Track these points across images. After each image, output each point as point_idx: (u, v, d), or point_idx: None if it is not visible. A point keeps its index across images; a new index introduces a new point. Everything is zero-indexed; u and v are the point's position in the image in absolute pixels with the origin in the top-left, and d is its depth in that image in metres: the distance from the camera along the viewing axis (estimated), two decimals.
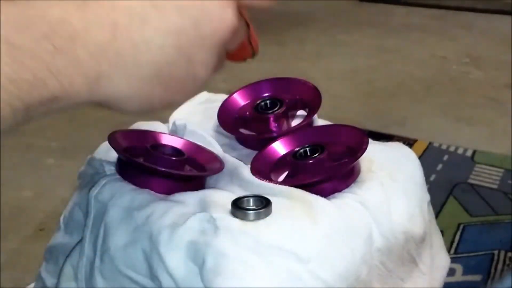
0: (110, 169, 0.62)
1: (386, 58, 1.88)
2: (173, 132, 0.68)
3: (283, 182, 0.60)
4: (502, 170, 1.20)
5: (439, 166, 1.22)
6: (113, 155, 0.62)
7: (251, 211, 0.53)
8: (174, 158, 0.60)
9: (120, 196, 0.58)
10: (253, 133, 0.68)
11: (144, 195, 0.58)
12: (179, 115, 0.71)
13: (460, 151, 1.28)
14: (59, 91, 0.36)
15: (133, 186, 0.59)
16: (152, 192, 0.58)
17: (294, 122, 0.70)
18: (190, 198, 0.57)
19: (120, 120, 0.60)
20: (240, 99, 0.70)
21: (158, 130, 0.68)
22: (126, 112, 0.42)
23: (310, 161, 0.61)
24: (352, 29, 2.13)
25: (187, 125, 0.67)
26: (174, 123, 0.68)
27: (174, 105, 0.44)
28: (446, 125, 1.45)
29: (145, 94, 0.41)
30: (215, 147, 0.65)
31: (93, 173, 0.64)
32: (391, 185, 0.62)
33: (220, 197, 0.57)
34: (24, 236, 1.09)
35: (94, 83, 0.38)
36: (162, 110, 0.45)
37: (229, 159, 0.63)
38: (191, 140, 0.65)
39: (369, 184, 0.61)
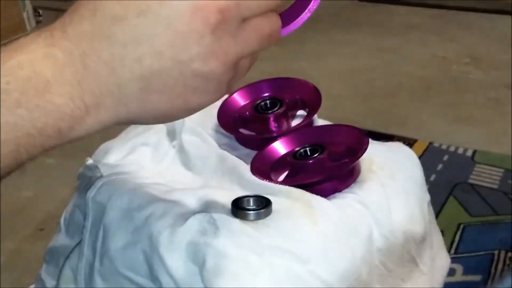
0: (107, 171, 0.62)
1: (386, 58, 1.87)
2: (171, 129, 0.67)
3: (283, 182, 0.60)
4: (502, 170, 1.20)
5: (439, 166, 1.22)
6: (111, 157, 0.63)
7: (251, 211, 0.53)
8: None
9: (118, 197, 0.58)
10: (253, 133, 0.68)
11: (142, 195, 0.57)
12: None
13: (460, 151, 1.28)
14: (54, 141, 0.37)
15: (131, 187, 0.59)
16: (150, 192, 0.58)
17: (294, 122, 0.69)
18: (190, 198, 0.57)
19: None
20: (240, 99, 0.70)
21: (157, 129, 0.68)
22: (146, 123, 0.42)
23: (310, 161, 0.61)
24: (352, 29, 2.13)
25: (185, 121, 0.66)
26: None
27: (183, 114, 0.43)
28: (446, 125, 1.45)
29: (144, 106, 0.40)
30: (213, 145, 0.65)
31: (90, 175, 0.64)
32: (391, 185, 0.62)
33: (220, 197, 0.57)
34: (24, 236, 1.09)
35: (90, 115, 0.38)
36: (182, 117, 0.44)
37: (229, 158, 0.63)
38: (188, 137, 0.65)
39: (369, 184, 0.61)
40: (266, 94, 0.70)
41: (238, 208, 0.54)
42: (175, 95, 0.40)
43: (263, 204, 0.54)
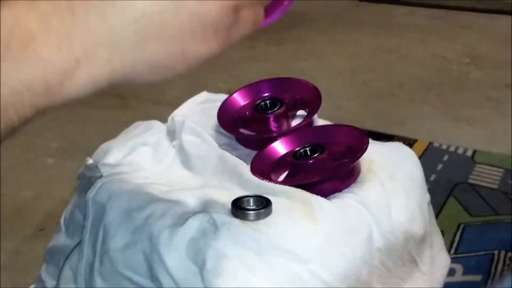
0: (107, 171, 0.62)
1: (386, 58, 1.87)
2: (171, 129, 0.67)
3: (283, 182, 0.60)
4: (502, 170, 1.19)
5: (439, 166, 1.22)
6: (111, 157, 0.62)
7: (251, 211, 0.53)
8: None
9: (118, 197, 0.58)
10: (253, 133, 0.68)
11: (142, 195, 0.57)
12: (178, 114, 0.71)
13: (460, 151, 1.28)
14: (44, 98, 0.34)
15: (131, 187, 0.59)
16: (150, 192, 0.58)
17: (294, 122, 0.69)
18: (190, 198, 0.57)
19: (120, 120, 0.60)
20: (240, 99, 0.70)
21: (157, 129, 0.68)
22: (142, 83, 0.39)
23: (310, 161, 0.61)
24: (352, 29, 2.12)
25: (185, 121, 0.66)
26: (172, 119, 0.68)
27: (182, 66, 0.39)
28: (446, 125, 1.45)
29: (139, 54, 0.37)
30: (213, 145, 0.65)
31: (90, 175, 0.64)
32: (391, 185, 0.62)
33: (220, 197, 0.57)
34: (24, 236, 1.09)
35: (81, 69, 0.35)
36: (177, 74, 0.40)
37: (229, 157, 0.63)
38: (188, 137, 0.65)
39: (369, 184, 0.61)
40: (266, 94, 0.70)
41: (238, 208, 0.54)
42: (172, 40, 0.37)
43: (263, 204, 0.54)
